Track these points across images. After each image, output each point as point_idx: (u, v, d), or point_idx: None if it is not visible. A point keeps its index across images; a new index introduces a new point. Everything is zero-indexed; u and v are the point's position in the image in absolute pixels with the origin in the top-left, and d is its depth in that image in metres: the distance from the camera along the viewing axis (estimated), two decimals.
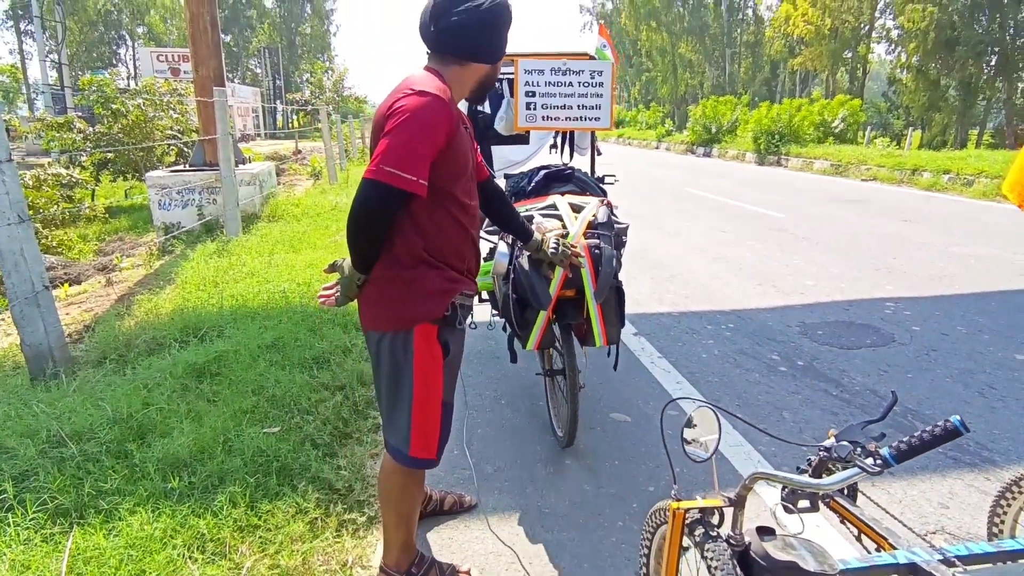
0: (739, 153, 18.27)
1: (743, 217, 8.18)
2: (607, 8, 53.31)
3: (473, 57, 1.53)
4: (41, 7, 31.36)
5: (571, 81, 3.27)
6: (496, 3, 1.48)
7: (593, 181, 3.16)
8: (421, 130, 1.36)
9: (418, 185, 1.36)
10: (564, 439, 2.52)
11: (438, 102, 1.39)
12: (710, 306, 4.48)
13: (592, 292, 2.33)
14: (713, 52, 47.16)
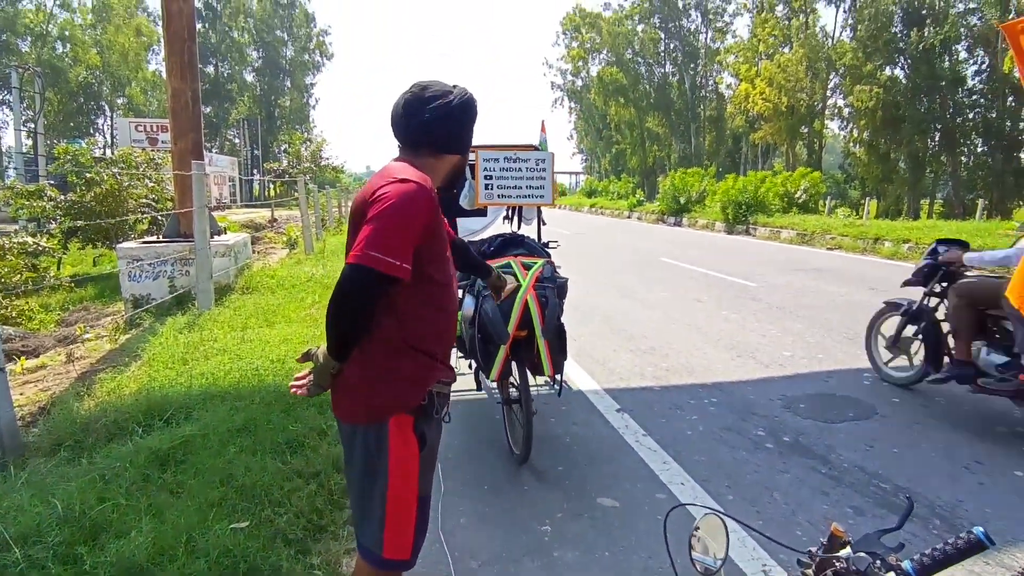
0: (709, 222, 18.86)
1: (717, 286, 8.32)
2: (577, 85, 55.96)
3: (446, 149, 1.60)
4: (20, 78, 31.67)
5: (520, 167, 4.10)
6: (464, 99, 1.57)
7: (539, 245, 3.86)
8: (405, 216, 1.37)
9: (403, 269, 1.36)
10: (520, 457, 3.10)
11: (421, 189, 1.42)
12: (692, 379, 4.46)
13: (540, 330, 3.00)
14: (679, 126, 49.59)
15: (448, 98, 1.55)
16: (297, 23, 53.26)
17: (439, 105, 1.53)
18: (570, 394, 4.15)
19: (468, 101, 1.59)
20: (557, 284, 3.25)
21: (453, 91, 1.58)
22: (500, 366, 3.00)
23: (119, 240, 11.05)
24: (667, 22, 48.52)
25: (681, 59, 49.26)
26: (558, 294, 3.21)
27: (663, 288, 8.19)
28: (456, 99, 1.56)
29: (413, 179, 1.43)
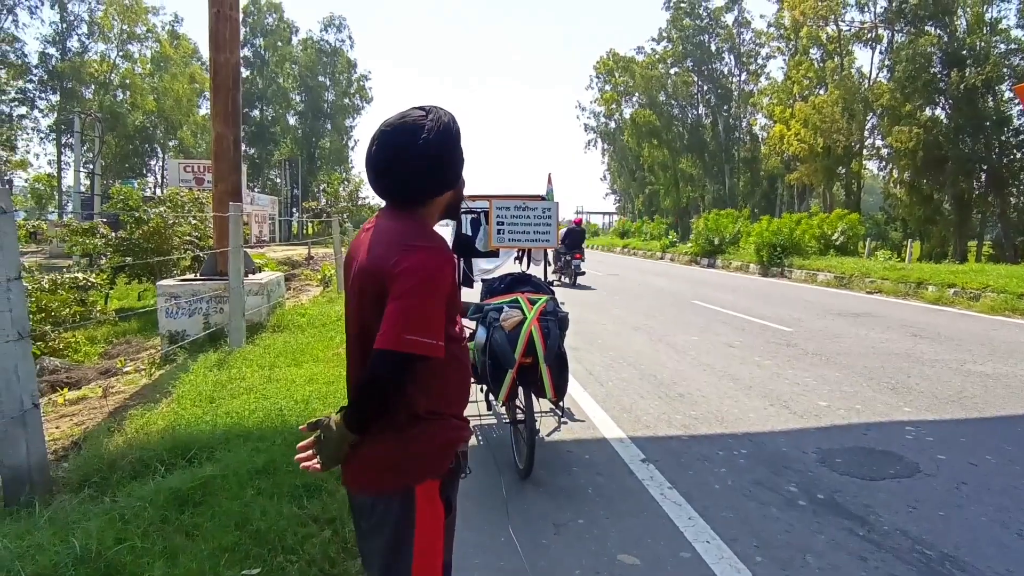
0: (743, 264, 18.57)
1: (751, 331, 8.12)
2: (610, 127, 56.62)
3: (437, 193, 1.44)
4: (82, 124, 33.72)
5: (528, 215, 4.63)
6: (441, 131, 1.38)
7: (545, 283, 4.31)
8: (435, 291, 1.31)
9: (438, 348, 1.31)
10: (524, 471, 3.44)
11: (445, 258, 1.36)
12: (721, 429, 4.30)
13: (543, 357, 3.40)
14: (712, 167, 49.50)
15: (425, 140, 1.36)
16: (339, 69, 55.62)
17: (413, 155, 1.36)
18: (595, 443, 4.05)
19: (445, 131, 1.38)
20: (559, 317, 3.64)
21: (426, 126, 1.37)
22: (507, 389, 3.41)
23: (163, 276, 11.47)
24: (700, 65, 49.02)
25: (714, 101, 49.54)
26: (559, 326, 3.59)
27: (695, 332, 8.03)
28: (434, 135, 1.36)
29: (435, 245, 1.36)
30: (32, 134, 43.33)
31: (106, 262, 14.54)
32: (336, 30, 55.76)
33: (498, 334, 3.43)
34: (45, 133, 43.07)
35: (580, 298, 11.59)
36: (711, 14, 48.49)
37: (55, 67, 40.66)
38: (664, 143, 49.53)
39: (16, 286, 2.98)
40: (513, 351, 3.37)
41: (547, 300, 3.69)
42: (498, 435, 4.28)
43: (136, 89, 43.37)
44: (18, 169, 45.21)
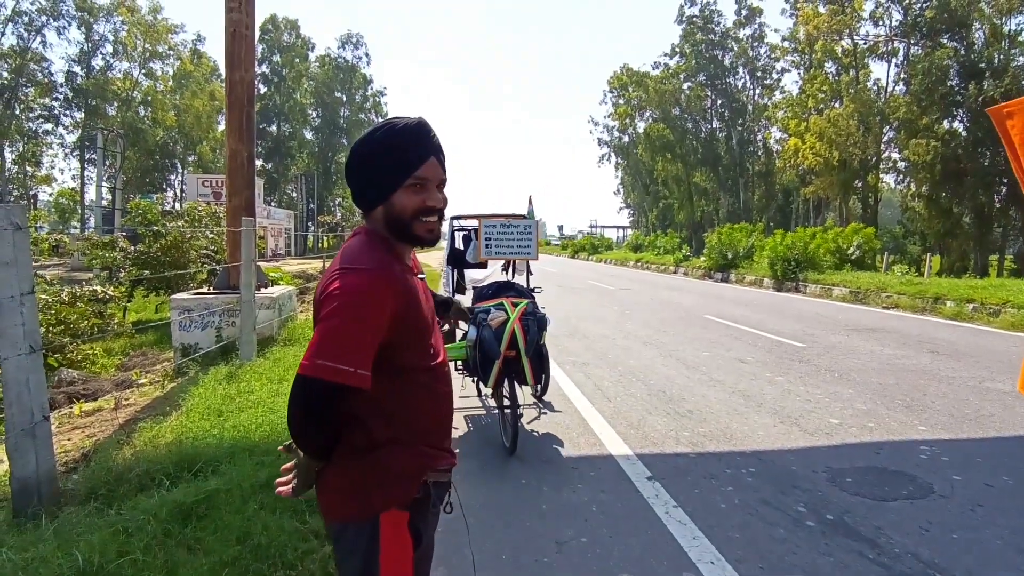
0: (756, 279, 18.41)
1: (763, 346, 8.03)
2: (623, 141, 56.73)
3: (364, 206, 1.37)
4: (104, 139, 34.49)
5: (512, 231, 5.26)
6: (363, 143, 1.33)
7: (527, 290, 4.91)
8: (359, 314, 1.20)
9: (358, 377, 1.18)
10: (509, 448, 4.03)
11: (374, 278, 1.24)
12: (730, 446, 4.25)
13: (524, 349, 3.98)
14: (727, 181, 49.35)
15: (354, 149, 1.35)
16: (355, 85, 56.47)
17: (348, 164, 1.36)
18: (601, 459, 4.01)
19: (367, 141, 1.32)
20: (538, 318, 4.21)
21: (365, 136, 1.34)
22: (495, 377, 3.97)
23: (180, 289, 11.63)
24: (714, 79, 49.08)
25: (728, 115, 49.51)
26: (538, 326, 4.16)
27: (706, 347, 7.96)
28: (360, 145, 1.34)
29: (365, 267, 1.25)
30: (57, 150, 44.58)
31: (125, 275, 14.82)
32: (353, 47, 56.76)
33: (486, 331, 4.03)
34: (69, 149, 44.22)
35: (591, 312, 11.56)
36: (724, 29, 48.60)
37: (80, 85, 41.74)
38: (678, 157, 49.53)
39: (29, 300, 3.04)
40: (499, 345, 3.97)
41: (527, 303, 4.28)
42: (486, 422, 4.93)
43: (157, 106, 44.34)
44: (43, 184, 46.42)
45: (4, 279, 2.97)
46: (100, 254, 16.98)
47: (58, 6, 40.25)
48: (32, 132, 42.73)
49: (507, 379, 4.05)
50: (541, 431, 4.57)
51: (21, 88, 40.54)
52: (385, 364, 1.26)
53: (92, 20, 41.56)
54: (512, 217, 5.46)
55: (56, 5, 40.16)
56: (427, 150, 1.33)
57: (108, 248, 16.75)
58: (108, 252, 16.35)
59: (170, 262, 13.47)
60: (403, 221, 1.32)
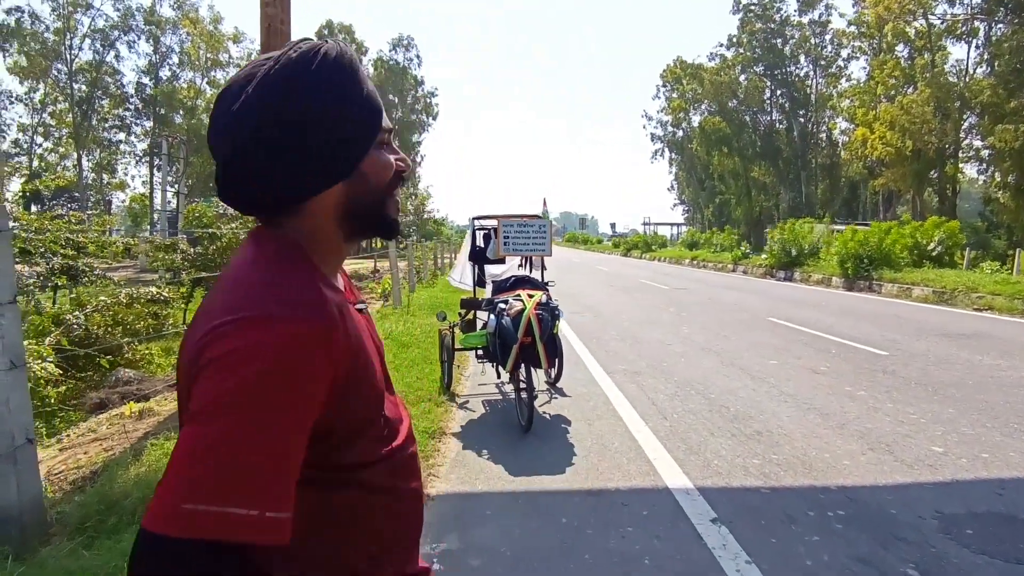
0: (824, 277, 17.18)
1: (838, 354, 7.20)
2: (678, 136, 55.10)
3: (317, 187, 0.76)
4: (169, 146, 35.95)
5: (528, 230, 5.75)
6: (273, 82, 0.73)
7: (542, 283, 5.44)
8: (270, 406, 0.64)
9: (271, 527, 0.61)
10: (524, 427, 4.40)
11: (300, 336, 0.67)
12: (810, 479, 3.59)
13: (539, 336, 4.27)
14: (787, 175, 47.10)
15: (246, 101, 0.73)
16: (407, 87, 57.04)
17: (289, 115, 0.73)
18: (655, 493, 3.44)
19: (288, 73, 0.74)
20: (551, 308, 4.57)
21: (257, 77, 0.74)
22: (513, 360, 4.30)
23: None
24: (773, 69, 46.91)
25: (789, 106, 47.22)
26: (552, 315, 4.50)
27: (772, 354, 7.20)
28: (260, 89, 0.73)
29: (282, 314, 0.67)
30: (129, 158, 46.85)
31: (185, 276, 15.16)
32: (404, 49, 57.35)
33: (505, 319, 4.41)
34: (140, 156, 46.40)
35: (644, 314, 10.88)
36: (784, 17, 46.36)
37: (149, 95, 43.73)
38: (735, 151, 47.64)
39: (10, 310, 2.74)
40: (516, 331, 4.30)
41: (542, 295, 4.66)
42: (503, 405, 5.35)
43: None
44: (117, 190, 48.97)
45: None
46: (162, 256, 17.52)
47: (128, 21, 42.33)
48: (107, 141, 45.13)
49: (523, 364, 4.37)
50: (585, 455, 4.03)
51: (97, 100, 42.85)
52: (314, 472, 0.72)
53: (159, 33, 43.47)
54: (528, 217, 5.95)
55: (127, 20, 42.25)
56: (369, 85, 0.81)
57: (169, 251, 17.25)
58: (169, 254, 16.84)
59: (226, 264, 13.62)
60: (378, 200, 0.81)
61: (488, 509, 3.26)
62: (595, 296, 14.38)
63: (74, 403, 6.83)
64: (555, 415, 4.93)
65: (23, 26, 39.15)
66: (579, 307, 11.97)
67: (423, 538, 2.86)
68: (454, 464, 3.90)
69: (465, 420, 4.88)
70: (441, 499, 3.38)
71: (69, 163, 43.83)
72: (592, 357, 7.09)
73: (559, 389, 5.62)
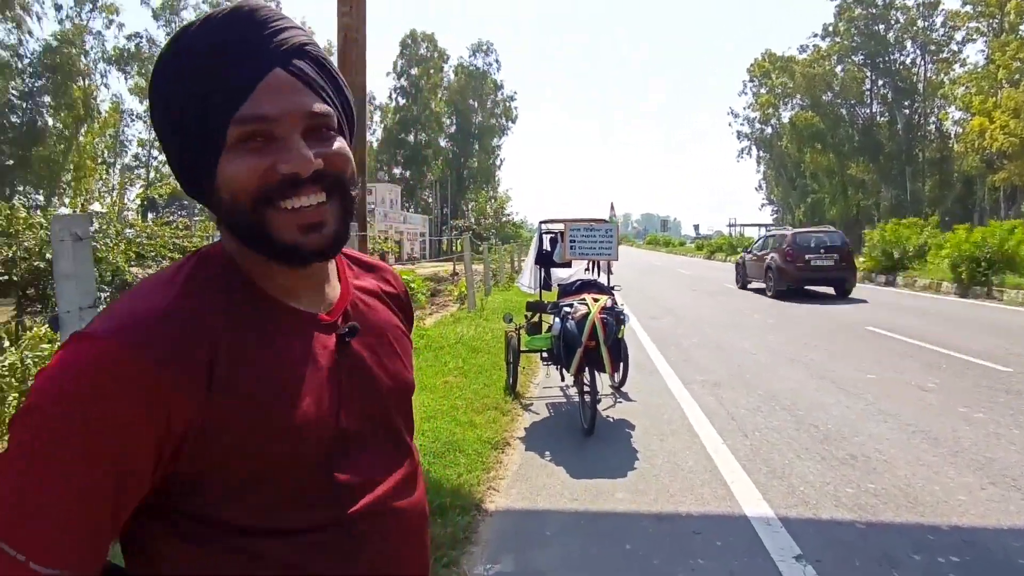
0: (932, 282, 15.66)
1: (950, 369, 6.46)
2: (766, 133, 52.50)
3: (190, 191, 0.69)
4: None
5: (595, 235, 5.79)
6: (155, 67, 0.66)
7: (608, 287, 5.42)
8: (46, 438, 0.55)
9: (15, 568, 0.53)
10: (588, 430, 4.37)
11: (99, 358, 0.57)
12: (915, 515, 3.16)
13: (603, 340, 4.27)
14: (890, 171, 43.69)
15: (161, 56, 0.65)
16: (486, 91, 57.84)
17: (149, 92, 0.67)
18: (731, 521, 3.15)
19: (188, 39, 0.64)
20: (616, 313, 4.55)
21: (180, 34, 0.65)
22: (577, 362, 4.31)
23: None
24: (874, 58, 43.67)
25: (892, 96, 43.79)
26: (616, 320, 4.47)
27: (870, 367, 6.56)
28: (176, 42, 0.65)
29: (99, 331, 0.59)
30: None
31: None
32: (484, 54, 58.25)
33: (570, 323, 4.43)
34: None
35: (727, 320, 10.30)
36: (887, 1, 43.02)
37: None
38: (829, 147, 44.76)
39: (90, 315, 2.87)
40: (580, 335, 4.29)
41: (607, 299, 4.66)
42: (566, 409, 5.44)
43: None
44: None
45: (64, 293, 2.81)
46: None
47: None
48: None
49: (587, 367, 4.37)
50: (655, 474, 3.77)
51: None
52: (194, 526, 0.62)
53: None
54: (595, 221, 5.97)
55: None
56: (263, 58, 0.64)
57: None
58: None
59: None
60: (241, 214, 0.64)
61: (548, 529, 3.09)
62: (675, 299, 13.84)
63: None
64: (620, 421, 4.84)
65: (141, 50, 43.01)
66: (658, 310, 11.54)
67: (475, 558, 2.74)
68: (516, 478, 3.75)
69: (529, 423, 4.84)
70: (500, 515, 3.25)
71: None
72: (668, 365, 6.74)
73: (623, 393, 5.57)
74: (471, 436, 4.15)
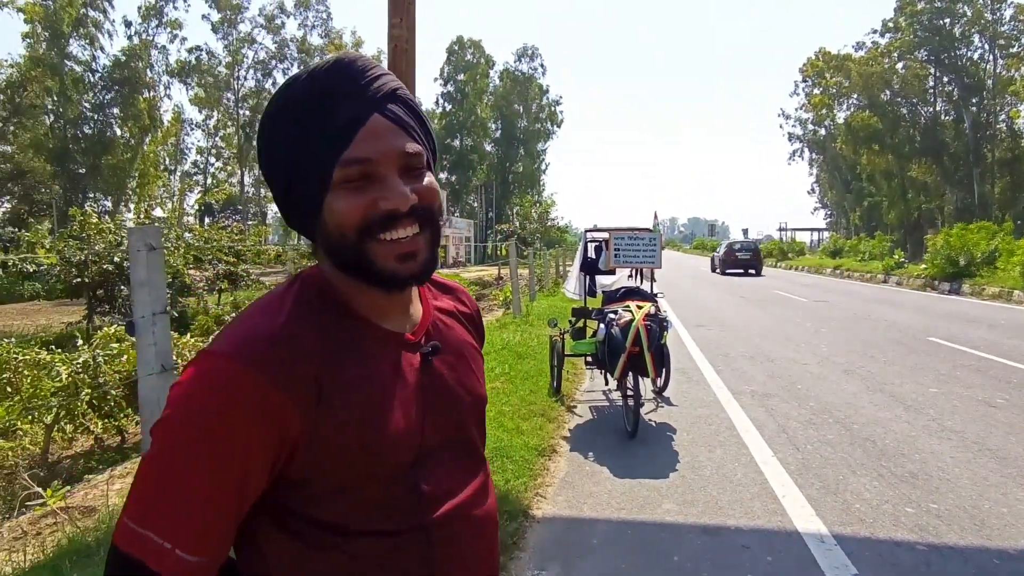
0: (1003, 291, 14.84)
1: (1021, 384, 6.12)
2: (819, 134, 50.81)
3: (296, 226, 0.79)
4: None
5: (638, 243, 5.77)
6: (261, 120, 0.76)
7: (651, 294, 5.50)
8: (182, 443, 0.64)
9: (171, 561, 0.63)
10: (631, 433, 4.52)
11: (223, 375, 0.66)
12: (981, 538, 3.03)
13: (647, 346, 4.40)
14: (955, 173, 41.61)
15: (267, 111, 0.75)
16: (531, 96, 58.00)
17: (259, 134, 0.77)
18: (782, 536, 3.08)
19: (264, 116, 0.75)
20: (659, 320, 4.66)
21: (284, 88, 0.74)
22: (621, 367, 4.44)
23: None
24: (939, 54, 41.70)
25: (958, 94, 41.69)
26: (660, 327, 4.61)
27: (932, 381, 6.28)
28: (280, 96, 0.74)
29: (221, 351, 0.67)
30: None
31: None
32: (529, 59, 58.45)
33: (614, 329, 4.56)
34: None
35: (778, 329, 10.03)
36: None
37: None
38: (888, 148, 42.90)
39: (161, 320, 3.06)
40: (625, 341, 4.42)
41: (651, 306, 4.79)
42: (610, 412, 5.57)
43: None
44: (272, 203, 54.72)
45: (139, 299, 3.01)
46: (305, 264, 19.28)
47: (284, 51, 47.19)
48: None
49: (631, 372, 4.49)
50: (703, 485, 3.73)
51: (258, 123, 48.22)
52: (280, 524, 0.71)
53: (308, 59, 47.96)
54: (638, 231, 6.06)
55: (282, 51, 47.13)
56: (362, 105, 0.71)
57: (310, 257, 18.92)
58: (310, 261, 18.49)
59: None
60: (347, 248, 0.72)
61: (594, 538, 3.10)
62: (722, 308, 13.55)
63: None
64: (662, 425, 4.97)
65: (202, 62, 45.04)
66: (705, 319, 11.33)
67: (523, 564, 2.78)
68: (562, 485, 3.77)
69: (574, 425, 4.97)
70: (546, 522, 3.28)
71: (235, 180, 49.56)
72: (717, 375, 6.63)
73: (665, 398, 5.71)
74: (518, 443, 4.19)
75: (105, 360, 6.08)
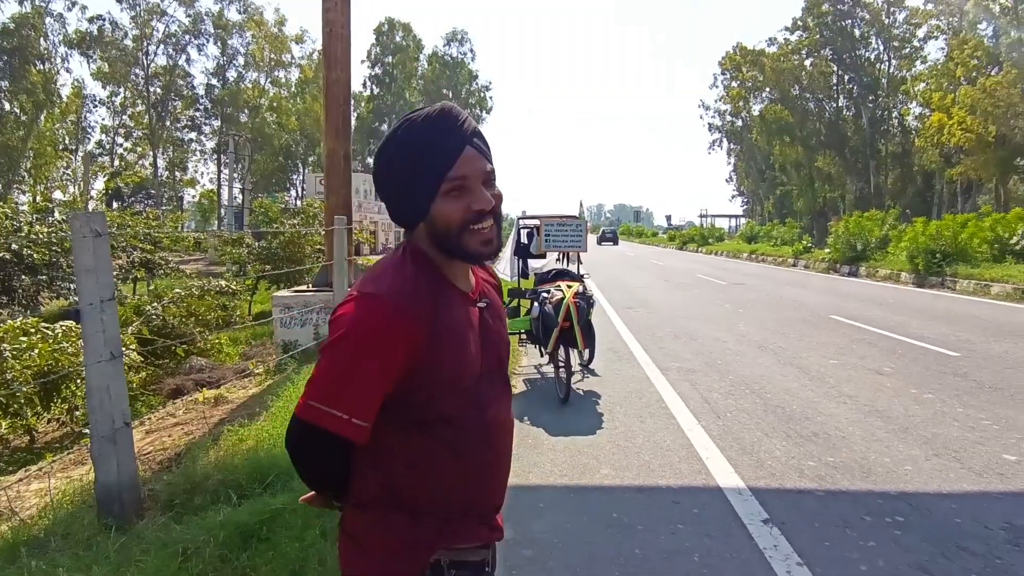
0: (892, 273, 16.41)
1: (905, 354, 6.93)
2: (736, 125, 53.41)
3: (400, 222, 1.11)
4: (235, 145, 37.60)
5: (566, 229, 6.58)
6: (382, 147, 1.09)
7: (579, 275, 6.10)
8: (361, 350, 0.99)
9: (352, 427, 1.01)
10: (563, 399, 5.08)
11: (383, 308, 1.00)
12: (867, 484, 3.53)
13: (576, 320, 4.94)
14: (855, 164, 44.93)
15: (387, 146, 1.08)
16: (461, 81, 57.48)
17: (381, 164, 1.09)
18: (706, 492, 3.47)
19: (384, 145, 1.08)
20: (586, 297, 5.22)
21: (399, 127, 1.07)
22: (554, 341, 5.01)
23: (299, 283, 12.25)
24: (841, 53, 44.71)
25: (858, 92, 44.93)
26: (587, 303, 5.14)
27: (833, 354, 7.00)
28: (400, 132, 1.06)
29: (379, 292, 1.02)
30: (199, 156, 49.31)
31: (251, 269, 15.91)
32: (459, 43, 57.76)
33: (547, 307, 5.09)
34: (208, 154, 48.74)
35: (700, 310, 10.72)
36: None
37: (217, 96, 45.77)
38: (798, 140, 45.74)
39: (109, 307, 3.03)
40: (557, 317, 4.96)
41: (579, 286, 5.34)
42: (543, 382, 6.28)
43: (282, 111, 47.65)
44: (188, 187, 51.67)
45: (85, 286, 2.98)
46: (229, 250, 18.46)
47: (199, 26, 44.39)
48: (179, 140, 47.62)
49: (562, 346, 5.03)
50: (637, 451, 4.08)
51: (171, 102, 45.23)
52: (396, 413, 1.06)
53: (226, 36, 45.36)
54: (566, 218, 6.83)
55: (197, 25, 44.30)
56: (460, 140, 1.05)
57: (236, 245, 18.14)
58: (235, 249, 17.71)
59: (287, 257, 14.27)
60: (450, 236, 1.06)
61: (541, 503, 3.37)
62: (649, 291, 14.25)
63: (153, 388, 7.34)
64: (589, 393, 5.56)
65: (105, 33, 41.66)
66: (633, 302, 11.91)
67: None
68: None
69: (514, 401, 5.06)
70: None
71: (146, 162, 46.44)
72: (646, 354, 7.08)
73: (591, 369, 6.14)
74: None
75: (13, 355, 5.73)
